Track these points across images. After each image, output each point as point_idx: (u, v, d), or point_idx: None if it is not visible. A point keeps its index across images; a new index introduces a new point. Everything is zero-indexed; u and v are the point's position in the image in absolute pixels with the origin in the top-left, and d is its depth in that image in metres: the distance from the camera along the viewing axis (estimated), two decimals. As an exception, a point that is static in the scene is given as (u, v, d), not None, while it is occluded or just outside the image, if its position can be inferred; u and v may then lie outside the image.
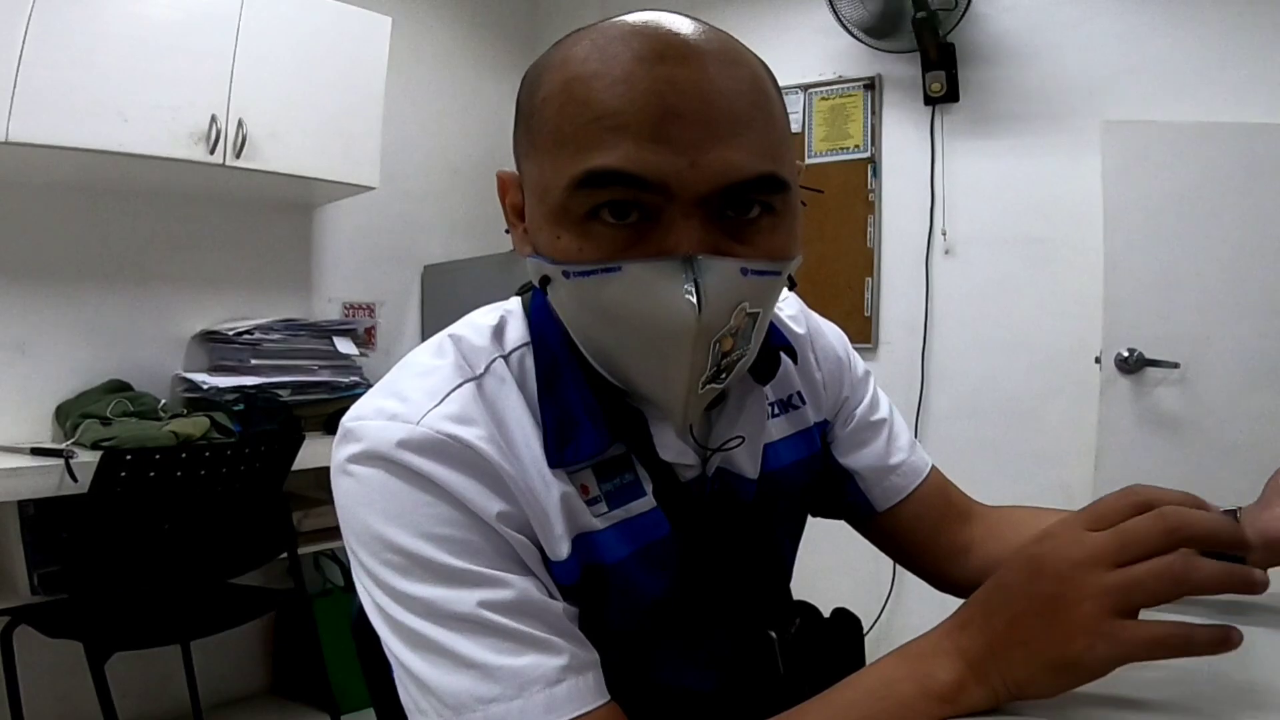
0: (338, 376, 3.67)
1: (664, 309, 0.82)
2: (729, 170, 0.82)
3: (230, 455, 2.84)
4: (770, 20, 4.29)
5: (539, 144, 0.88)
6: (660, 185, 0.81)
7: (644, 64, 0.82)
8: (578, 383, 0.97)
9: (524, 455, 0.93)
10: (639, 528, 0.99)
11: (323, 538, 3.53)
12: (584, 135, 0.83)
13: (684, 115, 0.81)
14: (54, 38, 2.79)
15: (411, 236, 4.49)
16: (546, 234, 0.88)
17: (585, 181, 0.82)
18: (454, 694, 0.83)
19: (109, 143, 2.92)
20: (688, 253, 0.82)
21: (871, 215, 4.04)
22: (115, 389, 3.30)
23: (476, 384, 0.94)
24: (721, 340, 0.85)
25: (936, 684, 0.80)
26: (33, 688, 2.91)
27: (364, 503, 0.88)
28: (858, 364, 1.30)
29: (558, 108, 0.86)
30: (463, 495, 0.86)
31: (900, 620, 3.94)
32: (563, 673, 0.84)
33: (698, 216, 0.83)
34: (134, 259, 3.53)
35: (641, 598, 0.99)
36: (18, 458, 2.81)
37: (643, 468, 1.00)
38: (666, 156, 0.80)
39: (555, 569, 0.93)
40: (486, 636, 0.84)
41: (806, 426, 1.20)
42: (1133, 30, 3.49)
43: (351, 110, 3.60)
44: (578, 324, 0.93)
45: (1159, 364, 3.25)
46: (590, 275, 0.84)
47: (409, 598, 0.86)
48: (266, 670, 3.94)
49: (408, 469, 0.86)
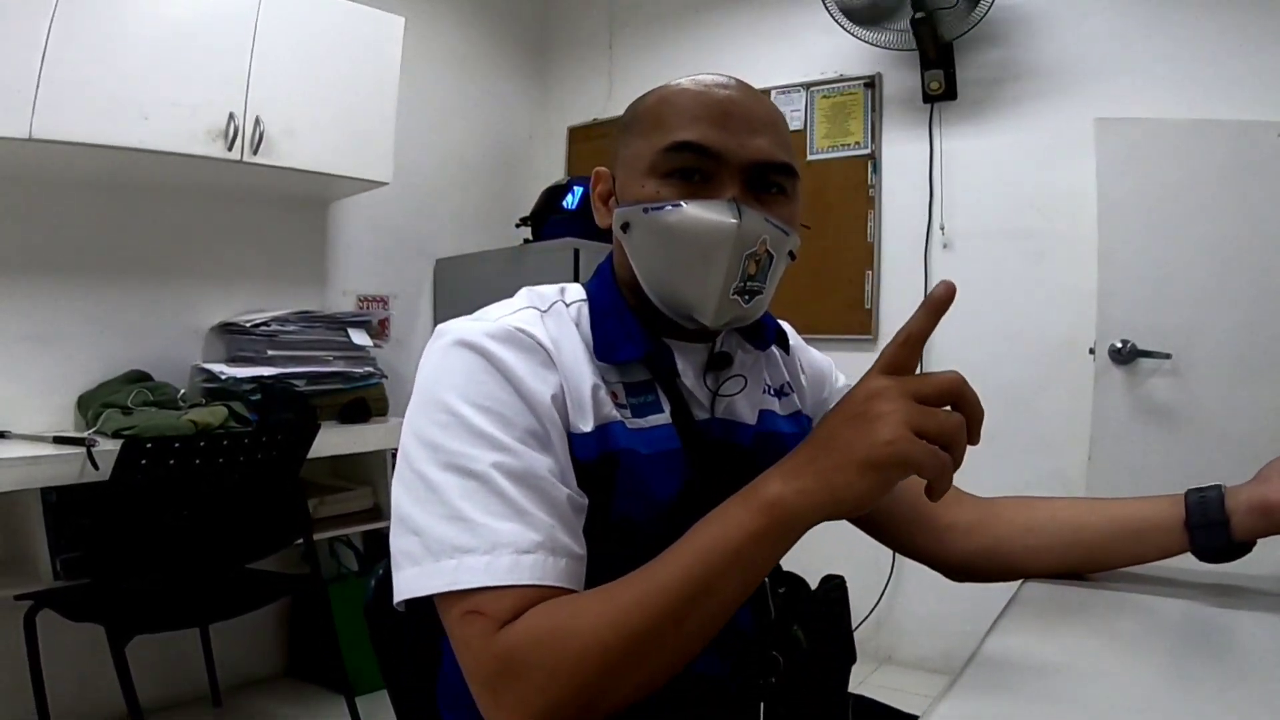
0: (352, 367, 3.68)
1: (714, 224, 1.12)
2: (763, 153, 1.16)
3: (247, 444, 2.85)
4: (774, 21, 4.30)
5: (641, 130, 1.20)
6: (718, 153, 1.14)
7: (711, 89, 1.18)
8: (624, 321, 1.21)
9: (569, 356, 1.15)
10: (655, 437, 1.17)
11: (338, 524, 3.54)
12: (675, 121, 1.16)
13: (734, 115, 1.16)
14: (76, 38, 2.79)
15: (424, 230, 4.50)
16: (635, 185, 1.18)
17: (672, 148, 1.15)
18: (438, 539, 0.97)
19: (129, 140, 2.92)
20: (732, 197, 1.13)
21: (872, 210, 4.04)
22: (135, 379, 3.30)
23: (540, 314, 1.19)
24: (748, 262, 1.14)
25: (759, 498, 0.93)
26: (55, 670, 2.92)
27: (438, 377, 1.08)
28: (839, 378, 1.50)
29: (658, 107, 1.20)
30: (521, 377, 1.07)
31: (900, 603, 3.95)
32: (536, 546, 0.97)
33: (739, 180, 1.15)
34: (154, 253, 3.53)
35: (651, 494, 1.14)
36: (41, 446, 2.82)
37: (664, 395, 1.20)
38: (724, 137, 1.14)
39: (578, 443, 1.10)
40: (485, 496, 0.99)
41: (796, 410, 1.39)
42: (1126, 30, 3.49)
43: (365, 108, 3.61)
44: (644, 252, 1.19)
45: (1151, 355, 3.25)
46: (662, 209, 1.14)
47: (440, 447, 1.02)
48: (283, 653, 3.95)
49: (483, 350, 1.07)
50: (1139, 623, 1.11)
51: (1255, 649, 1.00)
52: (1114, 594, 1.19)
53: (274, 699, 3.68)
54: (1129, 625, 1.10)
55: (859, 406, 0.90)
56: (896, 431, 0.86)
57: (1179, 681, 0.91)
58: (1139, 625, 1.10)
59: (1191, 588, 1.19)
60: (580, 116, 4.99)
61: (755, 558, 0.92)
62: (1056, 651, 1.01)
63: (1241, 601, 1.14)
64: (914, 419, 0.87)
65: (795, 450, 0.95)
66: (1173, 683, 0.91)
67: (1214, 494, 1.18)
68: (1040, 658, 0.99)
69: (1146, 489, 1.27)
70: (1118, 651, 1.02)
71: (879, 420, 0.87)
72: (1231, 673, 0.93)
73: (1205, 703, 0.84)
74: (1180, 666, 0.98)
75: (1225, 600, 1.15)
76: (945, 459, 0.87)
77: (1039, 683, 0.91)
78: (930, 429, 0.87)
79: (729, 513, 0.94)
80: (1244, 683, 0.89)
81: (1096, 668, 0.96)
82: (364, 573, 3.89)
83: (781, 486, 0.92)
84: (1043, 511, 1.31)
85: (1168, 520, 1.19)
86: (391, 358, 4.19)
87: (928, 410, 0.88)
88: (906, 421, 0.87)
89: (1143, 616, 1.13)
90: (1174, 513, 1.19)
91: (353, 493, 3.65)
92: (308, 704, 3.62)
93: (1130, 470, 3.26)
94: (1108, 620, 1.12)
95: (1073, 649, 1.02)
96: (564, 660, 0.89)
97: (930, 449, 0.86)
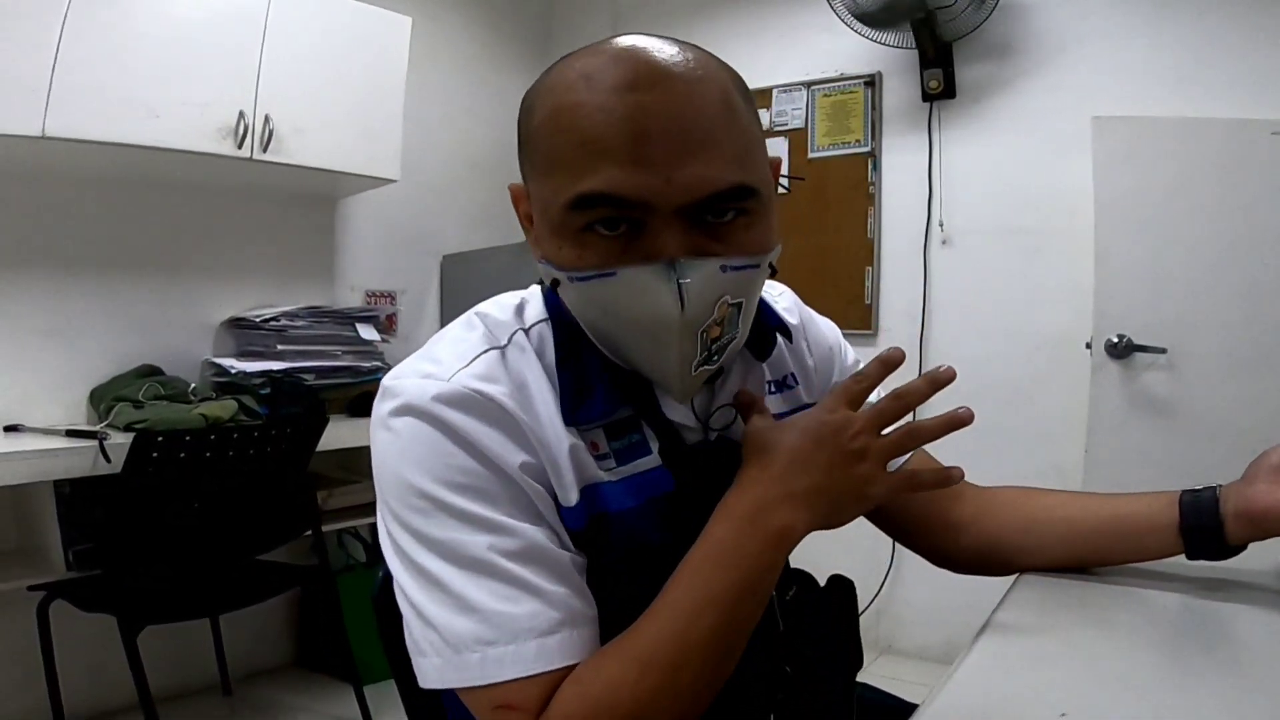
0: (360, 361, 3.68)
1: (653, 308, 0.90)
2: (702, 184, 0.88)
3: (257, 437, 2.85)
4: (776, 21, 4.29)
5: (538, 166, 0.96)
6: (640, 203, 0.88)
7: (618, 93, 0.88)
8: (591, 354, 1.03)
9: (540, 412, 0.99)
10: (645, 483, 1.03)
11: (346, 516, 3.55)
12: (572, 161, 0.89)
13: (656, 137, 0.87)
14: (88, 37, 2.79)
15: (431, 227, 4.50)
16: (550, 245, 0.95)
17: (577, 204, 0.89)
18: (456, 634, 0.89)
19: (141, 138, 2.92)
20: (671, 256, 0.89)
21: (872, 207, 4.03)
22: (147, 373, 3.30)
23: (500, 352, 1.01)
24: (708, 329, 0.93)
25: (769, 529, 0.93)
26: (67, 659, 2.93)
27: (397, 453, 0.94)
28: (849, 353, 1.35)
29: (549, 134, 0.93)
30: (486, 446, 0.93)
31: (900, 594, 3.95)
32: (558, 625, 0.90)
33: (678, 224, 0.89)
34: (165, 249, 3.53)
35: (645, 549, 1.02)
36: (54, 439, 2.82)
37: (650, 429, 1.05)
38: (644, 177, 0.87)
39: (565, 515, 0.98)
40: (492, 581, 0.89)
41: (800, 405, 1.23)
42: (1122, 30, 3.48)
43: (373, 106, 3.61)
44: (585, 318, 1.00)
45: (1147, 349, 3.25)
46: (589, 280, 0.92)
47: (428, 539, 0.91)
48: (292, 643, 3.96)
49: (439, 420, 0.93)
50: (1135, 614, 1.11)
51: (1249, 641, 1.00)
52: (1110, 586, 1.19)
53: (283, 688, 3.68)
54: (1125, 616, 1.10)
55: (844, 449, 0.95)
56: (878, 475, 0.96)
57: (1174, 672, 0.91)
58: (1135, 616, 1.10)
59: (1187, 580, 1.18)
60: (585, 115, 4.95)
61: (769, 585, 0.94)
62: (1054, 641, 1.01)
63: (1236, 595, 1.14)
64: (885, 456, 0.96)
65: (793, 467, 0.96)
66: (1168, 673, 0.91)
67: (1208, 496, 1.15)
68: (1037, 648, 0.99)
69: (1142, 480, 1.26)
70: (1114, 642, 1.02)
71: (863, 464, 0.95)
72: (1226, 664, 0.92)
73: (1200, 693, 0.83)
74: (1175, 657, 0.98)
75: (1220, 593, 1.14)
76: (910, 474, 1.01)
77: (1037, 672, 0.90)
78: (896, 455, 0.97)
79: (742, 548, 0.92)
80: (1238, 673, 0.89)
81: (1093, 658, 0.96)
82: (372, 564, 3.90)
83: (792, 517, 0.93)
84: (1039, 508, 1.29)
85: (1162, 523, 1.17)
86: (399, 352, 4.16)
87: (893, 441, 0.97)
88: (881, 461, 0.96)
89: (1139, 608, 1.12)
90: (1169, 515, 1.16)
91: (361, 485, 3.65)
92: (316, 693, 3.62)
93: (1126, 462, 3.26)
94: (1104, 611, 1.12)
95: (1069, 639, 1.02)
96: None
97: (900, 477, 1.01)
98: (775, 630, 1.10)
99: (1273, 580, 1.18)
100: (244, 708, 3.51)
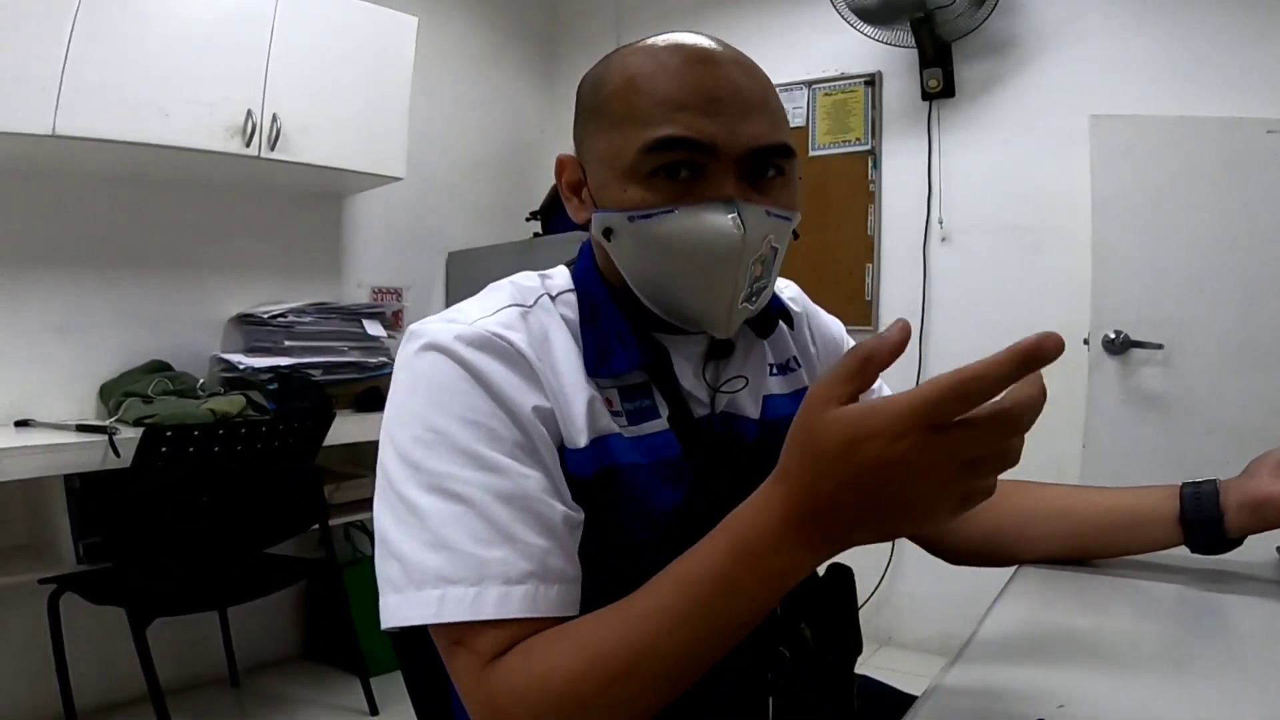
0: (366, 357, 3.68)
1: (715, 235, 0.98)
2: (758, 138, 1.00)
3: (265, 431, 2.86)
4: (777, 20, 4.28)
5: (612, 123, 1.04)
6: (710, 146, 0.98)
7: (689, 63, 1.02)
8: (613, 319, 1.09)
9: (560, 365, 1.04)
10: (653, 444, 1.06)
11: (353, 509, 3.55)
12: (649, 113, 1.00)
13: (722, 99, 1.00)
14: (98, 37, 2.79)
15: (436, 224, 4.50)
16: (615, 190, 1.03)
17: (654, 147, 0.99)
18: (421, 569, 0.89)
19: (150, 136, 2.92)
20: (729, 196, 0.99)
21: (872, 205, 4.03)
22: (156, 369, 3.31)
23: (524, 310, 1.06)
24: (754, 266, 1.01)
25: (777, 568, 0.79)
26: (77, 651, 2.93)
27: (415, 388, 0.97)
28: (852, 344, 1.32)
29: (625, 95, 1.03)
30: (501, 386, 0.96)
31: (900, 586, 3.95)
32: (526, 576, 0.89)
33: (734, 172, 1.00)
34: (174, 246, 3.54)
35: (652, 508, 1.04)
36: (64, 434, 2.82)
37: (660, 396, 1.09)
38: (714, 127, 0.98)
39: (572, 460, 1.00)
40: (472, 521, 0.89)
41: (802, 387, 1.25)
42: (1120, 30, 3.48)
43: (379, 105, 3.61)
44: (636, 263, 1.05)
45: (1144, 345, 3.25)
46: (653, 217, 1.00)
47: (424, 469, 0.92)
48: (299, 635, 3.96)
49: (459, 358, 0.96)
50: (1133, 606, 1.11)
51: (1247, 632, 1.00)
52: (1109, 578, 1.18)
53: (290, 680, 3.68)
54: (1124, 608, 1.10)
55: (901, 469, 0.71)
56: (951, 507, 0.73)
57: (1172, 663, 0.91)
58: (1133, 608, 1.10)
59: (1184, 572, 1.18)
60: (588, 113, 4.96)
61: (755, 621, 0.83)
62: (1053, 633, 1.01)
63: (1234, 586, 1.14)
64: (970, 495, 0.74)
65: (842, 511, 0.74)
66: (1166, 664, 0.91)
67: (1209, 489, 1.16)
68: (1037, 639, 0.99)
69: (1138, 474, 1.26)
70: (1113, 633, 1.02)
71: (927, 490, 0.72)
72: (1223, 655, 0.92)
73: (1198, 684, 0.83)
74: (1174, 649, 0.98)
75: (1217, 585, 1.14)
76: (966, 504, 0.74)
77: (1036, 664, 0.90)
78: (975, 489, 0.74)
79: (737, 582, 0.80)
80: (1235, 664, 0.89)
81: (1092, 649, 0.96)
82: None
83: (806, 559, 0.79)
84: (1039, 500, 1.29)
85: (1163, 514, 1.17)
86: (404, 348, 4.20)
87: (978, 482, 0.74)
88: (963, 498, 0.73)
89: (1137, 599, 1.12)
90: (1169, 506, 1.17)
91: (367, 479, 3.65)
92: (323, 684, 3.62)
93: (1123, 457, 3.26)
94: (1103, 603, 1.12)
95: (1068, 631, 1.02)
96: None
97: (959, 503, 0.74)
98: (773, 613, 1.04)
99: (1270, 572, 1.18)
100: (252, 699, 3.51)
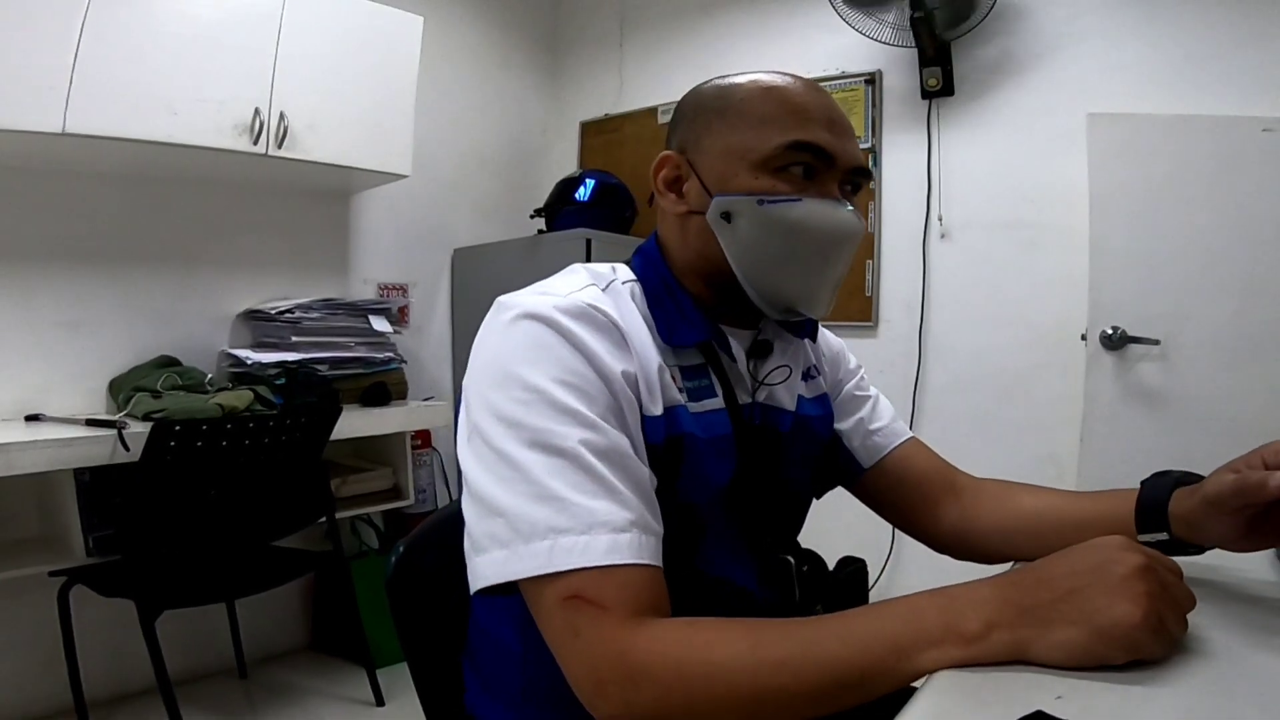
0: (373, 353, 3.68)
1: (838, 222, 1.16)
2: (857, 157, 1.18)
3: (272, 426, 2.86)
4: (779, 19, 4.28)
5: (741, 124, 1.17)
6: (831, 155, 1.15)
7: (809, 88, 1.19)
8: (681, 300, 1.20)
9: (638, 339, 1.12)
10: (710, 421, 1.17)
11: (359, 503, 3.56)
12: (785, 118, 1.14)
13: (836, 121, 1.17)
14: (107, 35, 2.79)
15: (442, 221, 4.50)
16: (745, 178, 1.15)
17: (795, 145, 1.13)
18: (529, 521, 0.91)
19: (159, 134, 2.92)
20: (839, 198, 1.16)
21: (872, 202, 4.02)
22: (165, 364, 3.31)
23: (601, 290, 1.15)
24: None
25: (963, 628, 0.84)
26: (87, 643, 2.94)
27: (511, 351, 1.03)
28: (852, 359, 1.52)
29: (760, 101, 1.17)
30: (595, 352, 1.03)
31: (900, 581, 3.95)
32: (630, 525, 0.93)
33: (838, 180, 1.17)
34: (182, 243, 3.54)
35: (709, 478, 1.14)
36: (74, 428, 2.83)
37: (716, 379, 1.20)
38: (836, 141, 1.15)
39: (649, 426, 1.08)
40: (575, 474, 0.94)
41: (822, 392, 1.41)
42: (1117, 29, 3.47)
43: (386, 103, 3.61)
44: (753, 242, 1.16)
45: (1141, 341, 3.24)
46: (780, 203, 1.13)
47: (524, 426, 0.96)
48: (306, 627, 3.97)
49: (557, 324, 1.03)
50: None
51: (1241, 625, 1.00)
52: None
53: (298, 671, 3.69)
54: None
55: (1116, 577, 0.82)
56: (1150, 620, 0.80)
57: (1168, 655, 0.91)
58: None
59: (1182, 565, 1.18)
60: (592, 112, 4.97)
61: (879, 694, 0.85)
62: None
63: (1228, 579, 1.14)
64: (1176, 623, 0.84)
65: (1015, 581, 0.87)
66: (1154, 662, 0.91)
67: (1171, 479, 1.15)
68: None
69: (1135, 469, 1.26)
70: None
71: (1139, 599, 0.80)
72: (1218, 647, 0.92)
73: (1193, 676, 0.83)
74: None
75: (1213, 577, 1.14)
76: (1167, 648, 0.83)
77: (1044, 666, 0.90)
78: (1169, 622, 0.82)
79: (923, 621, 0.85)
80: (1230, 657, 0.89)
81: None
82: (385, 550, 3.90)
83: (991, 622, 0.84)
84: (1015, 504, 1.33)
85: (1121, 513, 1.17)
86: (411, 343, 4.21)
87: (1175, 601, 0.84)
88: (1160, 611, 0.81)
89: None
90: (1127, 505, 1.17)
91: (374, 473, 3.66)
92: (330, 676, 3.63)
93: (1120, 452, 3.25)
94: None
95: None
96: (703, 701, 0.84)
97: (1165, 642, 0.82)
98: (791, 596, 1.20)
99: (1265, 568, 1.18)
100: (259, 690, 3.51)
